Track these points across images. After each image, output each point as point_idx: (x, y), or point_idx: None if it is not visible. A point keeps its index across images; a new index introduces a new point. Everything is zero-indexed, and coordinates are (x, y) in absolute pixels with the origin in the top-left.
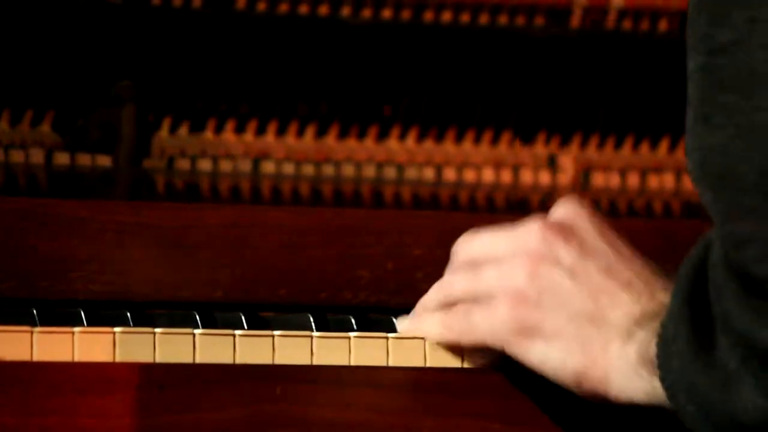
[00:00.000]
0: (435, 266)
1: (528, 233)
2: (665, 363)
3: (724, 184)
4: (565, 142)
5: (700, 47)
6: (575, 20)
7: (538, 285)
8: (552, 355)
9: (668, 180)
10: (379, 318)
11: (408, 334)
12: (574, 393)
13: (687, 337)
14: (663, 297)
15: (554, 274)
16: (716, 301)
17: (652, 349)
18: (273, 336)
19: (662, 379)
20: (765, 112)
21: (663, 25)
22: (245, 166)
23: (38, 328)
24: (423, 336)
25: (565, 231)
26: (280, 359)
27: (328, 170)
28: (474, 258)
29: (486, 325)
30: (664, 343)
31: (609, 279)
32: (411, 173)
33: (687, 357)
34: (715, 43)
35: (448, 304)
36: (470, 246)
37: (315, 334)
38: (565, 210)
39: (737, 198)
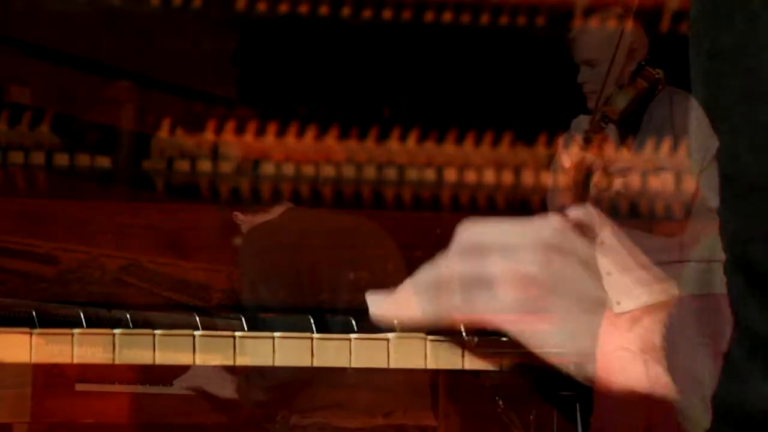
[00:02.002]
0: None
1: (543, 225)
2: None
3: (731, 185)
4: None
5: (702, 52)
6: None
7: (550, 272)
8: (557, 337)
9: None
10: None
11: (388, 315)
12: (573, 377)
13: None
14: (674, 292)
15: (568, 263)
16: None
17: (657, 338)
18: (273, 337)
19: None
20: None
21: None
22: (245, 167)
23: (37, 330)
24: (408, 316)
25: (582, 227)
26: (280, 360)
27: (328, 171)
28: (480, 244)
29: (489, 305)
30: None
31: (622, 274)
32: (411, 174)
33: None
34: (716, 48)
35: (442, 287)
36: (476, 231)
37: (315, 335)
38: (582, 210)
39: (744, 196)
